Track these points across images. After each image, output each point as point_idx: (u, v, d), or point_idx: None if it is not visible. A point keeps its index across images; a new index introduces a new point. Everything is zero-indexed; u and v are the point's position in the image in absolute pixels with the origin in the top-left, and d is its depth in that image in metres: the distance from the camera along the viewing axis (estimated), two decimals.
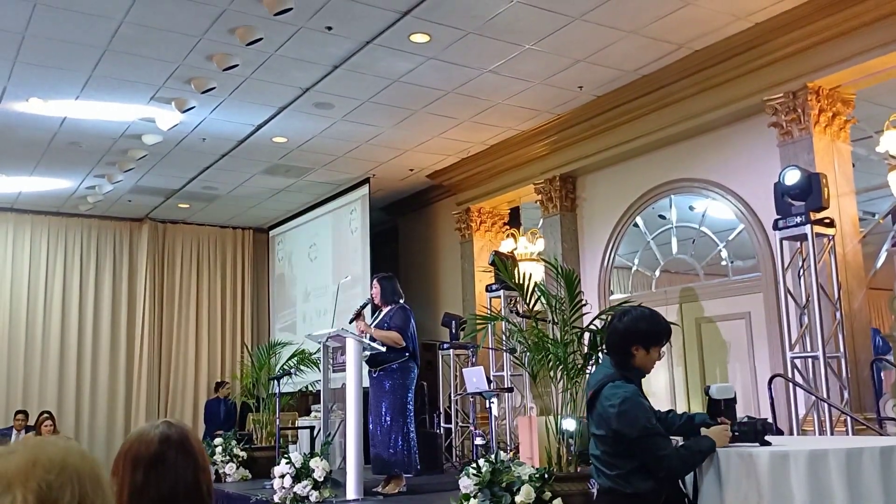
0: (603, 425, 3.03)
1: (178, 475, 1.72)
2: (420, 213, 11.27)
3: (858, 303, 6.10)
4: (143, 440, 1.75)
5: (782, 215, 5.81)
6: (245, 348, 11.19)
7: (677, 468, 3.00)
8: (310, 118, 8.07)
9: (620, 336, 3.14)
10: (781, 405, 5.89)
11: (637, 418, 2.95)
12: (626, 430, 2.95)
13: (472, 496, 4.03)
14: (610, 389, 3.02)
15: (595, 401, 3.07)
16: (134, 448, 1.74)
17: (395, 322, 6.18)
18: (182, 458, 1.75)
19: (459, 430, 8.99)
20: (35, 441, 1.16)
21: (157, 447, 1.74)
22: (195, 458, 1.78)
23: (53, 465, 1.11)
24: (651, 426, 2.97)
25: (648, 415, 3.00)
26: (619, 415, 2.96)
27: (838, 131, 6.31)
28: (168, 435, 1.77)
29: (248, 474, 7.35)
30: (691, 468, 3.04)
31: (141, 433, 1.78)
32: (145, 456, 1.72)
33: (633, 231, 8.10)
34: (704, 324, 7.27)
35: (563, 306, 4.70)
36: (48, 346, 11.14)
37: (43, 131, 8.17)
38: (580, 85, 7.37)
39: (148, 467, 1.71)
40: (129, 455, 1.73)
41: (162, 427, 1.79)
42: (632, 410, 2.96)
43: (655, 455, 2.95)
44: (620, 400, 2.97)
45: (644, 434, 2.94)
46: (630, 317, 3.17)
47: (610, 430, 2.99)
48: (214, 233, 12.49)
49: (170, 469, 1.72)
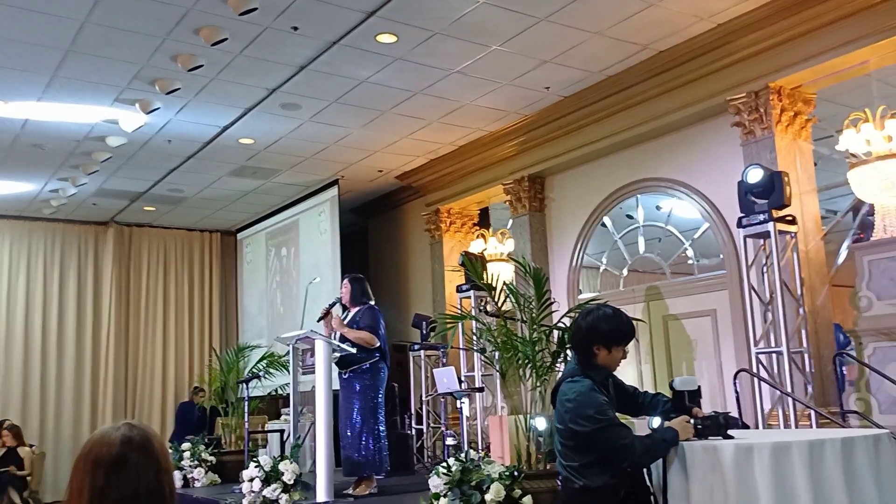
0: (558, 419, 3.07)
1: (139, 477, 1.70)
2: (390, 214, 11.26)
3: (821, 299, 6.21)
4: (104, 442, 1.72)
5: (746, 213, 5.90)
6: (213, 352, 11.08)
7: (640, 457, 3.02)
8: (277, 119, 8.02)
9: (583, 335, 3.17)
10: (747, 400, 5.98)
11: (588, 413, 2.97)
12: (577, 425, 2.98)
13: (441, 495, 4.03)
14: (567, 385, 3.07)
15: (555, 396, 3.12)
16: (95, 450, 1.71)
17: (364, 322, 6.16)
18: (144, 460, 1.72)
19: (431, 430, 8.98)
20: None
21: (118, 449, 1.71)
22: (157, 461, 1.75)
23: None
24: (604, 418, 2.99)
25: (602, 408, 3.02)
26: (570, 410, 3.00)
27: (800, 130, 6.43)
28: (130, 437, 1.74)
29: (217, 479, 7.27)
30: (655, 457, 3.06)
31: (102, 435, 1.74)
32: (106, 458, 1.69)
33: (600, 231, 8.16)
34: (671, 321, 7.36)
35: (531, 305, 4.72)
36: (11, 352, 10.93)
37: (4, 133, 8.02)
38: (547, 86, 7.42)
39: (109, 469, 1.68)
40: (90, 457, 1.70)
41: (123, 429, 1.75)
42: (582, 406, 2.99)
43: (615, 445, 2.98)
44: (576, 394, 3.02)
45: (598, 427, 2.97)
46: (592, 316, 3.20)
47: (564, 424, 3.03)
48: (181, 236, 12.35)
49: (131, 471, 1.69)
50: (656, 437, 3.07)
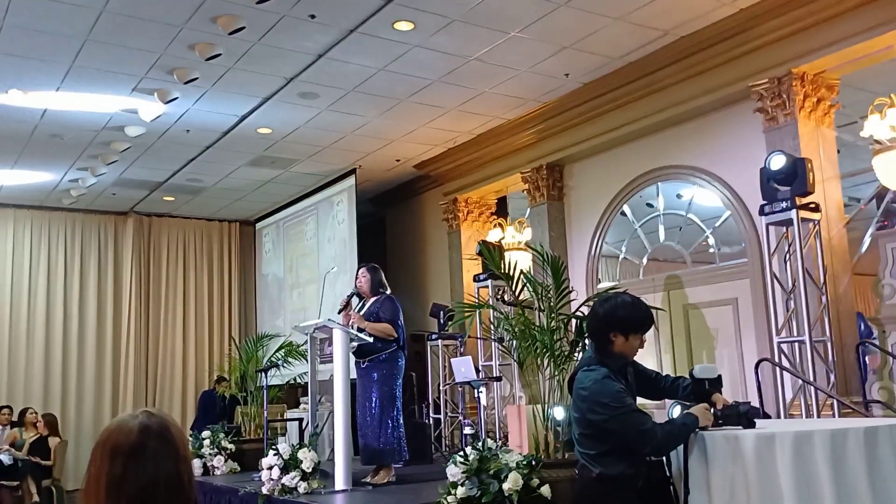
0: (576, 408, 3.04)
1: (157, 465, 1.68)
2: (407, 203, 11.24)
3: (844, 287, 6.12)
4: (122, 430, 1.71)
5: (768, 200, 5.83)
6: (232, 341, 11.14)
7: (662, 442, 2.98)
8: (294, 108, 8.01)
9: (599, 322, 3.14)
10: (768, 390, 5.91)
11: (603, 402, 2.94)
12: (594, 414, 2.95)
13: (459, 484, 4.01)
14: (582, 374, 3.04)
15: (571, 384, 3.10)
16: (112, 438, 1.69)
17: (384, 313, 6.15)
18: (162, 447, 1.70)
19: (448, 420, 8.98)
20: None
21: (136, 437, 1.69)
22: (175, 449, 1.73)
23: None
24: (620, 405, 2.95)
25: (618, 395, 2.98)
26: (585, 399, 2.98)
27: (823, 116, 6.32)
28: (148, 425, 1.72)
29: (236, 467, 7.31)
30: (676, 443, 3.03)
31: (120, 423, 1.73)
32: (124, 446, 1.67)
33: (620, 219, 8.09)
34: (691, 310, 7.29)
35: (549, 293, 4.68)
36: (33, 341, 11.05)
37: (23, 123, 8.07)
38: (566, 72, 7.35)
39: (127, 458, 1.66)
40: (108, 445, 1.69)
41: (141, 417, 1.74)
42: (597, 394, 2.96)
43: (635, 431, 2.94)
44: (591, 382, 2.99)
45: (614, 415, 2.93)
46: (610, 304, 3.16)
47: (580, 413, 3.00)
48: (200, 226, 12.41)
49: (149, 459, 1.67)
50: (676, 423, 3.04)
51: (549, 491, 3.91)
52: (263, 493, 5.56)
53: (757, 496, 2.99)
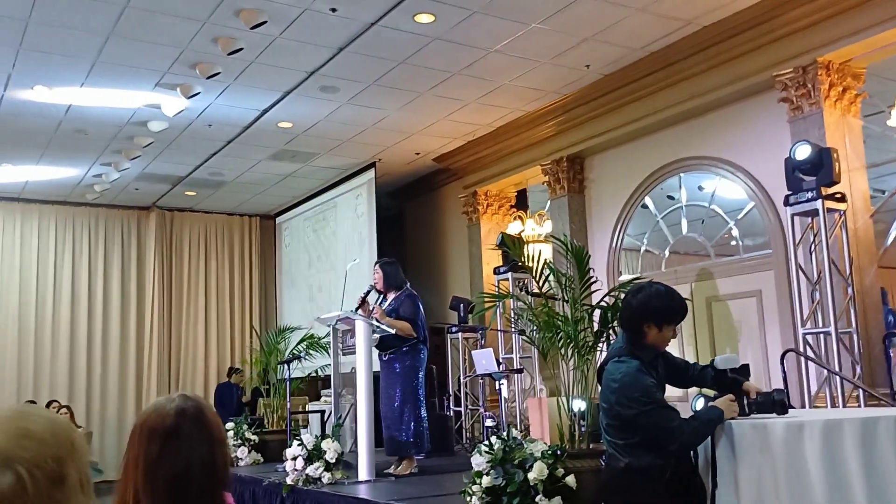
0: (604, 399, 3.02)
1: (193, 449, 1.71)
2: (426, 197, 11.24)
3: (870, 278, 6.06)
4: (159, 412, 1.74)
5: (793, 191, 5.77)
6: (254, 333, 11.23)
7: (689, 439, 2.96)
8: (315, 102, 8.04)
9: (633, 313, 3.08)
10: (793, 382, 5.87)
11: (633, 396, 2.91)
12: (623, 407, 2.92)
13: (484, 473, 4.02)
14: (613, 365, 3.01)
15: (601, 374, 3.08)
16: (150, 421, 1.73)
17: (404, 311, 6.15)
18: (197, 431, 1.73)
19: (469, 412, 9.00)
20: (14, 411, 1.11)
21: (172, 420, 1.72)
22: (211, 432, 1.76)
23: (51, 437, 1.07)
24: (650, 401, 2.92)
25: (648, 391, 2.94)
26: (615, 391, 2.95)
27: (849, 106, 6.25)
28: (184, 408, 1.75)
29: (259, 458, 7.37)
30: (702, 438, 3.01)
31: (157, 406, 1.77)
32: (160, 428, 1.71)
33: (641, 212, 8.05)
34: (715, 303, 7.25)
35: (572, 284, 4.67)
36: (58, 335, 11.19)
37: (48, 119, 8.16)
38: (587, 63, 7.31)
39: (163, 440, 1.69)
40: (145, 427, 1.72)
41: (178, 400, 1.77)
42: (628, 387, 2.92)
43: (665, 428, 2.91)
44: (621, 375, 2.95)
45: (644, 410, 2.90)
46: (644, 294, 3.11)
47: (609, 404, 2.98)
48: (221, 220, 12.51)
49: (185, 442, 1.70)
50: (702, 418, 3.01)
51: (574, 481, 3.90)
52: (288, 484, 5.60)
53: (785, 486, 2.97)
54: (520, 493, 3.87)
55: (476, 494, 4.03)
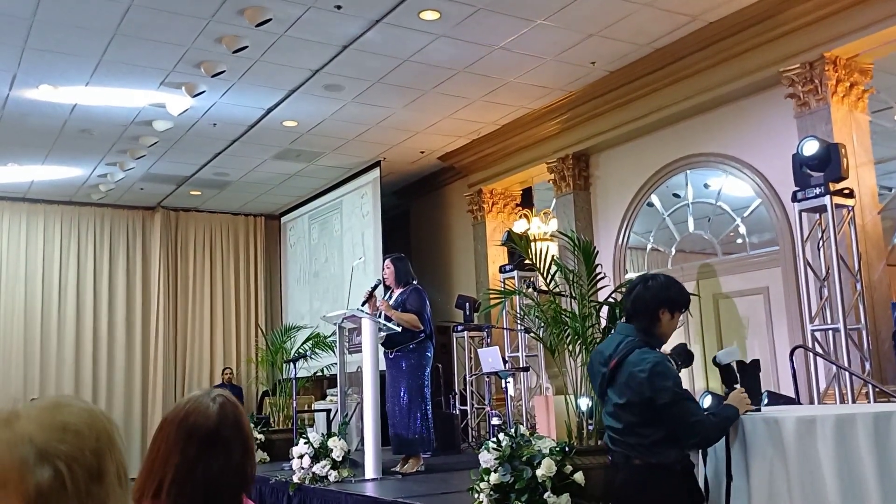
0: (628, 392, 2.94)
1: (229, 455, 1.67)
2: (432, 195, 11.23)
3: (878, 274, 6.03)
4: (200, 411, 1.69)
5: (801, 187, 5.75)
6: (260, 332, 11.22)
7: (710, 434, 2.92)
8: (320, 101, 8.02)
9: (649, 299, 3.05)
10: (802, 379, 5.83)
11: (667, 385, 2.86)
12: (658, 395, 2.85)
13: (492, 470, 4.00)
14: (638, 356, 2.94)
15: (618, 369, 3.00)
16: (191, 418, 1.68)
17: (410, 304, 6.15)
18: (234, 438, 1.69)
19: (475, 411, 8.98)
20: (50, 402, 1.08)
21: (215, 421, 1.68)
22: (246, 441, 1.73)
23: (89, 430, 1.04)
24: (682, 391, 2.90)
25: (679, 380, 2.93)
26: (650, 380, 2.85)
27: (856, 101, 6.22)
28: (225, 412, 1.70)
29: (266, 457, 7.36)
30: (722, 435, 2.98)
31: (197, 403, 1.71)
32: (202, 429, 1.66)
33: (647, 209, 8.02)
34: (722, 300, 7.21)
35: (580, 280, 4.64)
36: (64, 334, 11.20)
37: (54, 118, 8.16)
38: (593, 60, 7.29)
39: (203, 443, 1.65)
40: (185, 425, 1.67)
41: (220, 401, 1.72)
42: (663, 375, 2.87)
43: (689, 422, 2.87)
44: (651, 364, 2.88)
45: (676, 399, 2.85)
46: (657, 282, 3.10)
47: (638, 396, 2.91)
48: (227, 220, 12.51)
49: (223, 448, 1.67)
50: (721, 415, 2.98)
51: (582, 477, 3.88)
52: (294, 482, 5.59)
53: (797, 480, 2.95)
54: (528, 490, 3.84)
55: (484, 491, 4.01)
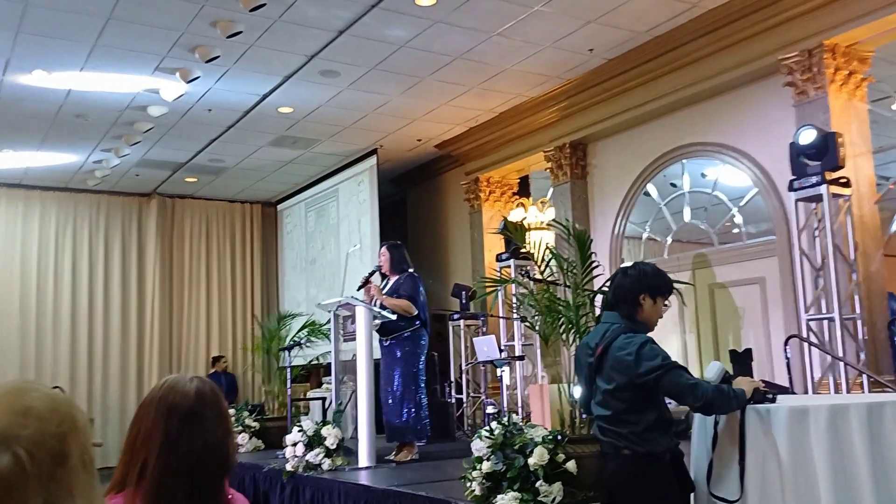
0: (616, 377, 2.95)
1: (210, 433, 1.69)
2: (428, 184, 11.19)
3: (875, 264, 6.01)
4: (178, 391, 1.71)
5: (798, 176, 5.72)
6: (255, 320, 11.19)
7: (713, 398, 2.89)
8: (316, 87, 7.97)
9: (629, 285, 3.10)
10: (796, 368, 5.82)
11: (656, 361, 2.88)
12: (648, 373, 2.86)
13: (485, 458, 3.98)
14: (623, 340, 2.96)
15: (604, 356, 3.00)
16: (169, 397, 1.70)
17: (404, 290, 6.13)
18: (214, 416, 1.72)
19: (471, 399, 8.97)
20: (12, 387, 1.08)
21: (193, 401, 1.70)
22: (225, 420, 1.75)
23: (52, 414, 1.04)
24: (670, 362, 2.91)
25: (666, 354, 2.95)
26: (637, 361, 2.88)
27: (855, 90, 6.18)
28: (204, 392, 1.73)
29: (260, 444, 7.35)
30: (724, 406, 2.93)
31: (176, 384, 1.73)
32: (182, 407, 1.69)
33: (644, 199, 8.00)
34: (717, 290, 7.20)
35: (574, 269, 4.62)
36: (59, 321, 11.17)
37: (48, 104, 8.10)
38: (590, 48, 7.24)
39: (183, 420, 1.67)
40: (164, 403, 1.69)
41: (196, 382, 1.75)
42: (649, 354, 2.90)
43: (688, 385, 2.87)
44: (637, 346, 2.90)
45: (667, 368, 2.87)
46: (636, 269, 3.16)
47: (626, 379, 2.92)
48: (222, 207, 12.47)
49: (204, 425, 1.69)
50: (726, 390, 2.95)
51: (574, 466, 3.86)
52: (288, 470, 5.58)
53: (789, 469, 2.93)
54: (520, 479, 3.83)
55: (476, 480, 4.00)
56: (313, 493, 5.24)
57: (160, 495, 1.62)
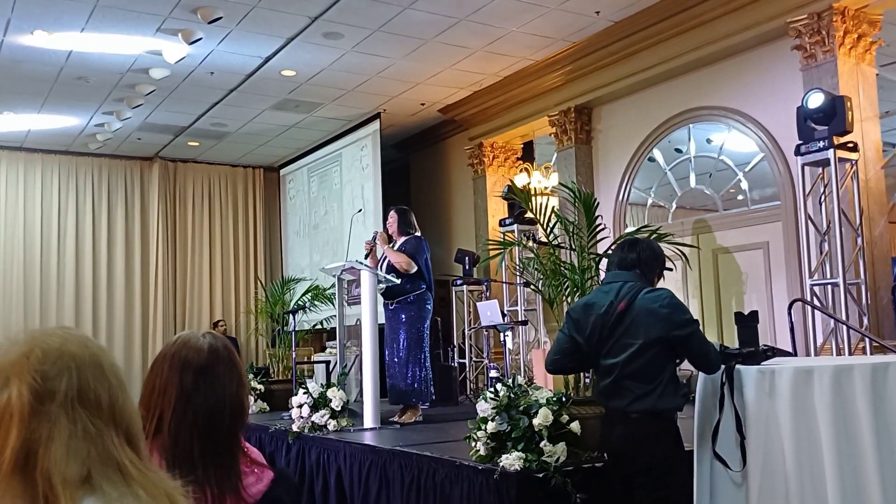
0: (645, 331, 2.96)
1: (224, 387, 1.72)
2: (432, 149, 11.14)
3: (880, 230, 6.00)
4: (191, 346, 1.74)
5: (804, 140, 5.69)
6: (259, 283, 11.22)
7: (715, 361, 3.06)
8: (318, 49, 7.90)
9: (658, 259, 3.25)
10: (799, 333, 5.85)
11: (687, 315, 3.02)
12: (679, 328, 2.95)
13: (490, 419, 4.02)
14: (652, 294, 3.04)
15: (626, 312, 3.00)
16: (183, 353, 1.72)
17: (407, 249, 6.14)
18: (228, 371, 1.74)
19: (473, 364, 9.04)
20: (33, 332, 1.10)
21: (206, 356, 1.72)
22: (239, 374, 1.78)
23: (49, 355, 1.05)
24: (696, 320, 3.07)
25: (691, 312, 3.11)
26: (671, 314, 2.97)
27: (863, 54, 6.12)
28: (216, 347, 1.76)
29: (265, 407, 7.40)
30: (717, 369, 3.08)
31: (189, 340, 1.75)
32: (195, 362, 1.71)
33: (648, 165, 7.96)
34: (721, 254, 7.20)
35: (580, 232, 4.62)
36: (63, 285, 11.21)
37: (49, 66, 8.04)
38: (597, 10, 7.15)
39: (197, 372, 1.70)
40: (178, 357, 1.72)
41: (209, 338, 1.77)
42: (681, 308, 3.04)
43: (705, 350, 3.02)
44: (669, 298, 3.01)
45: (695, 329, 3.00)
46: (657, 245, 3.34)
47: (657, 332, 2.94)
48: (225, 171, 12.43)
49: (218, 379, 1.71)
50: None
51: (578, 427, 3.89)
52: (294, 431, 5.63)
53: (792, 430, 2.96)
54: (524, 439, 3.86)
55: (481, 440, 4.03)
56: (319, 454, 5.30)
57: (177, 448, 1.64)
